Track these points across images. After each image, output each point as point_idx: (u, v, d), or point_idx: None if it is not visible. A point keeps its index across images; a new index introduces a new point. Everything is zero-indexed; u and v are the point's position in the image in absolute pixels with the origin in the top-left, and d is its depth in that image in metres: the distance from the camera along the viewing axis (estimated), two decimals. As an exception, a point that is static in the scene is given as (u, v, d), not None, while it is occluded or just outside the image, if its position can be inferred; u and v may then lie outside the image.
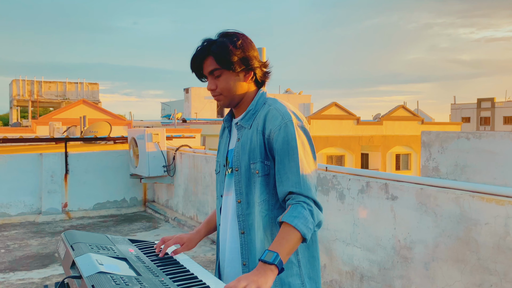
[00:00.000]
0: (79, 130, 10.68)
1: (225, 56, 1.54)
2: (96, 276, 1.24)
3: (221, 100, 1.62)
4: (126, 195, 7.53)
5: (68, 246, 1.55)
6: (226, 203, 1.62)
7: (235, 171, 1.57)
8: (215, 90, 1.60)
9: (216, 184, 1.72)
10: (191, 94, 34.03)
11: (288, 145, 1.49)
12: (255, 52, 1.61)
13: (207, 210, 5.98)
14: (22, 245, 5.41)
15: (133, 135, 7.07)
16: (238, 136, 1.61)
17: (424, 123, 27.91)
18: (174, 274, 1.42)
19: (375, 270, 3.25)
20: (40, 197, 6.92)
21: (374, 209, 3.26)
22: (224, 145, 1.69)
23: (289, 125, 1.50)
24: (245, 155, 1.55)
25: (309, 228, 1.42)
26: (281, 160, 1.49)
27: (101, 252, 1.48)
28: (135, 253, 1.59)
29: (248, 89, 1.62)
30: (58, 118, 17.17)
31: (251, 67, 1.58)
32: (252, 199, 1.54)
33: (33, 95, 32.45)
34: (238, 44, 1.56)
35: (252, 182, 1.54)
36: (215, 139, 21.19)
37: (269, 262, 1.33)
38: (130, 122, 19.42)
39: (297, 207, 1.44)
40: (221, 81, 1.58)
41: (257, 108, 1.59)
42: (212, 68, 1.57)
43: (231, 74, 1.57)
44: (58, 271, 4.46)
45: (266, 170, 1.52)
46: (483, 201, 2.53)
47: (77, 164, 7.17)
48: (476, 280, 2.55)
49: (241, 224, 1.55)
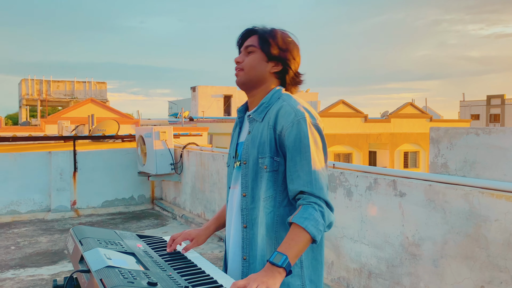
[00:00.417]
0: (87, 128, 10.75)
1: (268, 38, 1.55)
2: (105, 270, 1.25)
3: (239, 76, 1.59)
4: (134, 193, 7.57)
5: (76, 241, 1.56)
6: (232, 196, 1.61)
7: (243, 164, 1.55)
8: (240, 63, 1.59)
9: (227, 176, 1.70)
10: (198, 92, 34.10)
11: (300, 142, 1.46)
12: (297, 58, 1.60)
13: (214, 208, 5.99)
14: (32, 242, 5.46)
15: (141, 133, 7.10)
16: (249, 129, 1.58)
17: (433, 120, 27.72)
18: (182, 269, 1.42)
19: (383, 267, 3.23)
20: (49, 194, 6.98)
21: (382, 206, 3.24)
22: (235, 137, 1.67)
23: (301, 122, 1.47)
24: (254, 149, 1.53)
25: (319, 230, 1.39)
26: (293, 158, 1.46)
27: (109, 247, 1.49)
28: (143, 248, 1.60)
29: (269, 80, 1.59)
30: (66, 117, 17.30)
31: (284, 63, 1.57)
32: (258, 193, 1.52)
33: (42, 95, 32.71)
34: (287, 39, 1.58)
35: (259, 177, 1.51)
36: (222, 138, 21.20)
37: (277, 265, 1.32)
38: (137, 121, 19.50)
39: (308, 208, 1.41)
40: (250, 58, 1.57)
41: (271, 102, 1.56)
42: (250, 44, 1.58)
43: (263, 57, 1.56)
44: (67, 268, 4.50)
45: (275, 166, 1.49)
46: (493, 198, 2.51)
47: (86, 162, 7.21)
48: (486, 277, 2.53)
49: (244, 218, 1.54)
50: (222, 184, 5.78)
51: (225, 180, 5.70)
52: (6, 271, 4.41)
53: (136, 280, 1.20)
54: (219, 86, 34.72)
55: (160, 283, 1.22)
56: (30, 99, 32.82)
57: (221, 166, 5.78)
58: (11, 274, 4.33)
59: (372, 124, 25.34)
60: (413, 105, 27.41)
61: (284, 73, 1.59)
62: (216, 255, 4.87)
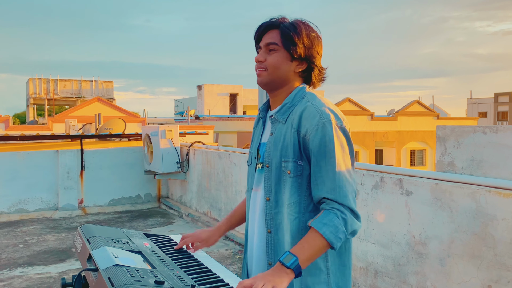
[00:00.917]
0: (94, 127, 10.82)
1: (292, 36, 1.45)
2: (112, 269, 1.26)
3: (262, 76, 1.51)
4: (141, 191, 7.61)
5: (84, 240, 1.58)
6: (255, 199, 1.55)
7: (265, 167, 1.49)
8: (262, 62, 1.50)
9: (248, 175, 1.64)
10: (204, 91, 34.15)
11: (325, 147, 1.39)
12: (321, 53, 1.52)
13: (220, 206, 6.01)
14: (40, 240, 5.51)
15: (147, 132, 7.13)
16: (272, 130, 1.51)
17: (440, 118, 27.58)
18: (189, 268, 1.43)
19: (390, 266, 3.23)
20: (57, 193, 7.03)
21: (388, 204, 3.23)
22: (257, 137, 1.60)
23: (327, 125, 1.40)
24: (277, 151, 1.46)
25: (338, 237, 1.35)
26: (317, 163, 1.41)
27: (116, 246, 1.50)
28: (150, 246, 1.61)
29: (293, 80, 1.51)
30: (73, 115, 17.41)
31: (309, 61, 1.50)
32: (281, 198, 1.46)
33: (49, 93, 32.94)
34: (311, 34, 1.48)
35: (282, 181, 1.46)
36: (228, 136, 21.23)
37: (286, 266, 1.30)
38: (144, 119, 19.59)
39: (329, 214, 1.36)
40: (272, 57, 1.48)
41: (294, 102, 1.49)
42: (271, 41, 1.48)
43: (286, 56, 1.48)
44: (75, 266, 4.54)
45: (299, 171, 1.44)
46: (500, 196, 2.49)
47: (93, 160, 7.26)
48: (493, 276, 2.52)
49: (268, 223, 1.48)
50: (228, 182, 5.80)
51: (231, 178, 5.71)
52: (15, 269, 4.45)
53: (144, 278, 1.21)
54: (225, 85, 34.76)
55: (167, 281, 1.23)
56: (37, 98, 33.06)
57: (227, 164, 5.80)
58: (19, 272, 4.37)
59: (378, 122, 25.26)
60: (419, 103, 27.28)
61: (309, 71, 1.52)
62: (222, 254, 4.88)
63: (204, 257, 1.59)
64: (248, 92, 36.03)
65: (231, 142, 21.61)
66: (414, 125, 26.02)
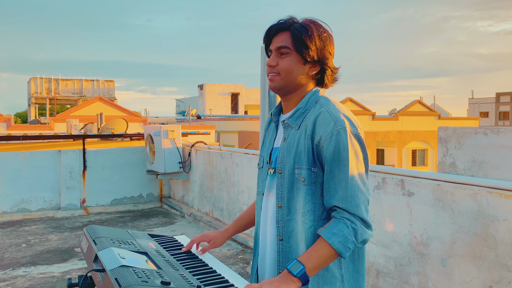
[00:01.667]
0: (96, 127, 10.84)
1: (304, 38, 1.42)
2: (119, 270, 1.28)
3: (275, 81, 1.47)
4: (143, 191, 7.63)
5: (90, 241, 1.60)
6: (267, 204, 1.54)
7: (278, 173, 1.47)
8: (274, 67, 1.46)
9: (258, 179, 1.62)
10: (205, 90, 34.16)
11: (339, 155, 1.37)
12: (333, 52, 1.49)
13: (222, 206, 6.03)
14: (42, 240, 5.53)
15: (149, 132, 7.15)
16: (284, 135, 1.49)
17: (441, 118, 27.55)
18: (194, 268, 1.45)
19: (391, 266, 3.24)
20: (59, 193, 7.06)
21: (390, 205, 3.25)
22: (270, 141, 1.58)
23: (341, 132, 1.38)
24: (290, 158, 1.44)
25: (347, 247, 1.34)
26: (331, 171, 1.39)
27: (122, 247, 1.52)
28: (155, 247, 1.63)
29: (306, 83, 1.49)
30: (75, 115, 17.44)
31: (322, 63, 1.47)
32: (294, 205, 1.44)
33: (50, 93, 32.99)
34: (323, 35, 1.44)
35: (295, 188, 1.44)
36: (230, 135, 21.20)
37: (293, 274, 1.30)
38: (145, 119, 19.61)
39: (339, 223, 1.36)
40: (285, 61, 1.45)
41: (308, 107, 1.46)
42: (283, 45, 1.44)
43: (299, 60, 1.45)
44: (77, 265, 4.56)
45: (313, 178, 1.42)
46: (502, 197, 2.51)
47: (95, 160, 7.28)
48: (494, 276, 2.54)
49: (280, 230, 1.46)
50: (230, 182, 5.82)
51: (233, 178, 5.73)
52: (18, 269, 4.47)
53: (150, 279, 1.23)
54: (226, 84, 34.76)
55: (173, 282, 1.25)
56: (39, 97, 33.11)
57: (229, 164, 5.82)
58: (22, 272, 4.40)
59: (380, 122, 25.24)
60: (421, 103, 27.26)
61: (322, 73, 1.49)
62: (225, 254, 4.91)
63: (209, 258, 1.61)
64: (250, 91, 36.05)
65: (232, 142, 21.63)
66: (415, 125, 26.00)
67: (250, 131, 21.51)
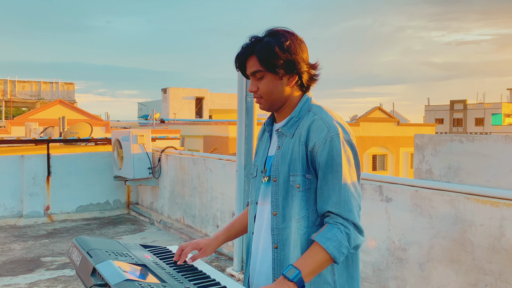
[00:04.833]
0: (57, 131, 10.45)
1: (269, 58, 1.45)
2: (124, 284, 1.23)
3: (262, 104, 1.53)
4: (110, 198, 7.42)
5: (84, 253, 1.53)
6: (262, 213, 1.55)
7: (272, 181, 1.49)
8: (256, 92, 1.51)
9: (250, 188, 1.63)
10: (169, 94, 33.75)
11: (332, 161, 1.40)
12: (304, 53, 1.50)
13: (195, 212, 5.95)
14: (4, 250, 5.27)
15: (117, 137, 6.97)
16: (279, 143, 1.51)
17: (400, 124, 28.43)
18: (198, 281, 1.42)
19: (369, 271, 3.30)
20: (21, 200, 6.75)
21: (368, 211, 3.31)
22: (264, 150, 1.60)
23: (335, 139, 1.41)
24: (285, 165, 1.46)
25: (341, 252, 1.36)
26: (325, 177, 1.41)
27: (119, 259, 1.47)
28: (152, 259, 1.58)
29: (291, 93, 1.52)
30: (34, 118, 16.74)
31: (297, 71, 1.49)
32: (289, 212, 1.46)
33: (6, 95, 31.55)
34: (285, 45, 1.45)
35: (290, 195, 1.45)
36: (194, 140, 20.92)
37: (289, 279, 1.31)
38: (107, 123, 19.08)
39: (332, 228, 1.38)
40: (263, 84, 1.49)
41: (301, 116, 1.50)
42: (255, 70, 1.49)
43: (274, 78, 1.48)
44: (45, 276, 4.37)
45: (307, 185, 1.44)
46: (478, 203, 2.61)
47: (60, 166, 7.02)
48: (471, 280, 2.63)
49: (275, 238, 1.47)
50: (203, 188, 5.75)
51: (206, 184, 5.67)
52: (-20, 281, 4.24)
53: (158, 293, 1.19)
54: (190, 88, 34.49)
55: (182, 295, 1.22)
56: (-7, 99, 31.57)
57: (202, 170, 5.75)
58: (-15, 284, 4.17)
59: (342, 128, 25.69)
60: (381, 109, 28.05)
61: (301, 78, 1.51)
62: (198, 261, 4.83)
63: (208, 269, 1.58)
64: (215, 96, 35.90)
65: (197, 147, 21.42)
66: (375, 131, 26.70)
67: (215, 136, 21.39)
